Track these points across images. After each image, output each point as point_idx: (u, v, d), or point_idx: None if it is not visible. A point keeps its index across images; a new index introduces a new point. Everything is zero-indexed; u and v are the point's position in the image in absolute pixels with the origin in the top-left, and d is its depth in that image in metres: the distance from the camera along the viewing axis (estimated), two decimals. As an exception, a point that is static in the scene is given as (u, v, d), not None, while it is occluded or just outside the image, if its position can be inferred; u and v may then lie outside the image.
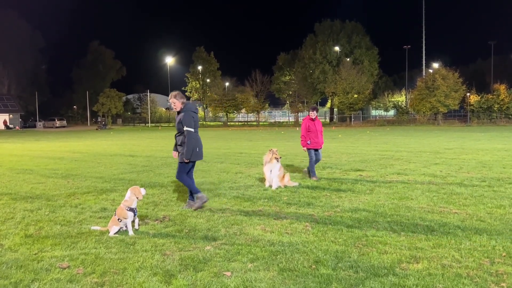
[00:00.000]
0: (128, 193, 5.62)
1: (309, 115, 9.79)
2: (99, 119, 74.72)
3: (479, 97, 54.08)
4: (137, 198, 5.61)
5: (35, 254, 4.68)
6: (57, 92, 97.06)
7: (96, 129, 57.25)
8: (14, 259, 4.52)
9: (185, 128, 6.76)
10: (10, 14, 79.78)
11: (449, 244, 4.83)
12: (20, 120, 68.42)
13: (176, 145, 7.04)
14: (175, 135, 7.00)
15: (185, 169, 6.85)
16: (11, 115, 70.42)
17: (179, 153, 6.89)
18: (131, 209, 5.47)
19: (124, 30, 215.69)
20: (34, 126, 71.59)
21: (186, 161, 6.71)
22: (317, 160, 9.91)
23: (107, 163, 13.40)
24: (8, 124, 67.32)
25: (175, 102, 6.95)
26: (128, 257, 4.54)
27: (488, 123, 49.88)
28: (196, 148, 6.80)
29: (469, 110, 54.02)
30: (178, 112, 6.99)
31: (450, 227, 5.52)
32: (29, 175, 10.95)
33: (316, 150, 9.78)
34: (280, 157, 8.70)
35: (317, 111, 9.82)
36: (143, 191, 5.73)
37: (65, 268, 4.24)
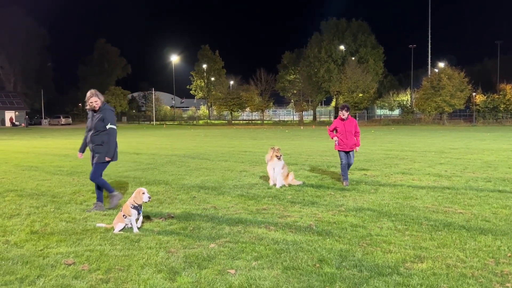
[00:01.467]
0: (134, 193, 5.65)
1: (339, 114, 9.02)
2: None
3: (485, 97, 53.78)
4: (134, 202, 5.53)
5: (41, 250, 4.72)
6: (63, 90, 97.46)
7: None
8: (20, 255, 4.55)
9: (109, 126, 6.46)
10: (17, 12, 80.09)
11: (454, 244, 4.82)
12: (26, 117, 68.77)
13: (84, 145, 6.76)
14: (91, 134, 6.53)
15: (102, 169, 6.67)
16: (17, 112, 70.81)
17: (94, 153, 6.54)
18: (136, 207, 5.49)
19: (130, 28, 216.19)
20: (40, 124, 71.95)
21: (108, 159, 6.51)
22: (349, 165, 8.97)
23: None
24: (14, 121, 67.69)
25: (97, 100, 6.50)
26: (133, 254, 4.56)
27: (494, 123, 49.59)
28: (116, 147, 6.74)
29: (475, 110, 53.75)
30: (95, 111, 6.55)
31: (455, 227, 5.50)
32: (34, 172, 11.01)
33: (346, 152, 8.83)
34: (281, 155, 8.62)
35: (347, 110, 8.83)
36: (145, 198, 5.60)
37: (70, 265, 4.27)
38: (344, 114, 8.81)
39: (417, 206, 6.72)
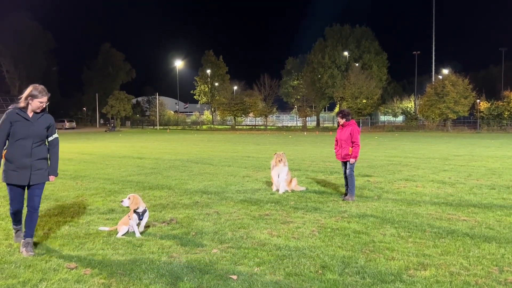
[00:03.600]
0: (132, 199, 5.61)
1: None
2: (110, 121, 75.28)
3: (489, 103, 53.61)
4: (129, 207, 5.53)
5: (43, 254, 4.72)
6: (67, 94, 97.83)
7: (105, 131, 57.64)
8: (22, 259, 4.56)
9: (56, 135, 5.04)
10: (22, 15, 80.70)
11: (458, 252, 4.79)
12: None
13: (15, 161, 4.71)
14: (30, 145, 4.73)
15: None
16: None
17: (33, 170, 4.76)
18: (137, 212, 5.49)
19: (134, 33, 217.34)
20: (44, 127, 72.12)
21: (53, 178, 5.06)
22: (346, 176, 8.06)
23: (115, 165, 13.49)
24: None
25: (46, 100, 4.91)
26: (135, 259, 4.56)
27: (498, 130, 49.39)
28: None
29: (479, 117, 53.54)
30: (36, 113, 4.86)
31: (459, 234, 5.47)
32: (38, 175, 11.03)
33: (344, 162, 8.12)
34: (285, 160, 8.61)
35: (342, 116, 8.06)
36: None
37: (72, 269, 4.27)
38: (340, 120, 8.14)
39: (420, 213, 6.69)
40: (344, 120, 8.06)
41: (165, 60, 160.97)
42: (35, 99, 4.77)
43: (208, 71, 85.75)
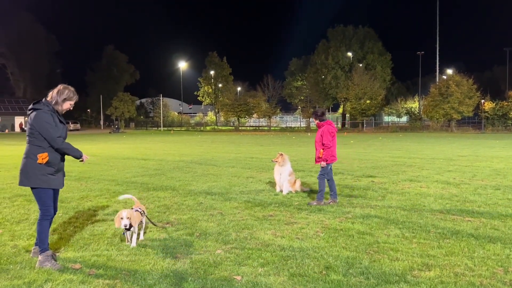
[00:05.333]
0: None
1: None
2: (115, 123, 75.54)
3: (494, 104, 53.36)
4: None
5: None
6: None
7: (110, 132, 57.81)
8: (28, 260, 4.59)
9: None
10: (27, 18, 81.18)
11: (462, 252, 4.77)
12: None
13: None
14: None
15: None
16: (26, 118, 71.45)
17: (63, 173, 4.84)
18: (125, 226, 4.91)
19: (138, 35, 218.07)
20: (49, 129, 72.51)
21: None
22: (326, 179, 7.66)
23: (119, 166, 13.53)
24: (23, 127, 68.41)
25: None
26: (139, 260, 4.58)
27: (503, 131, 49.15)
28: None
29: (484, 117, 53.30)
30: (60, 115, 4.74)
31: (463, 235, 5.45)
32: (43, 177, 11.09)
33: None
34: (283, 160, 8.51)
35: (315, 117, 7.74)
36: (122, 224, 4.86)
37: (77, 269, 4.29)
38: (315, 121, 7.79)
39: (424, 213, 6.67)
40: (317, 121, 7.71)
41: (169, 61, 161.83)
42: (68, 101, 4.70)
43: (212, 72, 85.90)
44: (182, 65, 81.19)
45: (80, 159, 4.80)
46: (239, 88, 79.34)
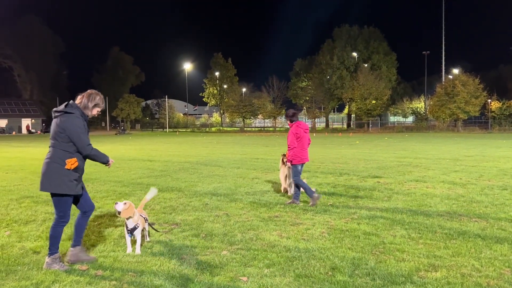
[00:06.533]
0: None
1: None
2: (120, 124, 75.87)
3: (501, 103, 53.01)
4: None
5: (56, 256, 4.77)
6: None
7: (115, 134, 58.07)
8: (35, 261, 4.62)
9: None
10: (34, 20, 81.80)
11: (469, 253, 4.75)
12: (43, 125, 69.86)
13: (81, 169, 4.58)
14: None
15: None
16: (33, 120, 72.03)
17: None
18: (127, 226, 4.91)
19: (143, 36, 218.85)
20: (55, 131, 72.92)
21: None
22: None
23: (125, 168, 13.59)
24: (30, 128, 68.89)
25: None
26: (146, 261, 4.60)
27: (510, 130, 48.80)
28: None
29: (490, 117, 52.98)
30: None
31: (470, 235, 5.42)
32: (50, 178, 11.15)
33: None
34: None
35: (286, 117, 7.87)
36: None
37: (84, 270, 4.32)
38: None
39: (431, 214, 6.65)
40: (288, 121, 7.81)
41: (174, 63, 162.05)
42: (97, 108, 4.60)
43: (217, 73, 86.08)
44: (187, 66, 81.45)
45: (107, 164, 4.69)
46: (244, 89, 79.40)
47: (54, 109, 4.45)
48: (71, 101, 4.47)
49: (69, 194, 4.39)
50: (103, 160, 4.62)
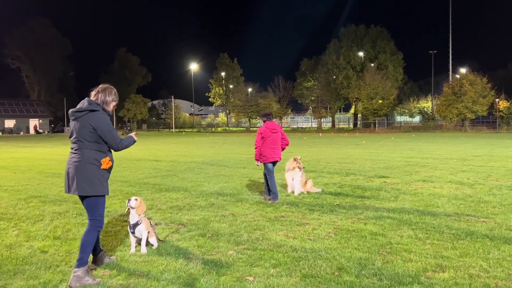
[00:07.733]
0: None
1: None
2: (127, 124, 76.21)
3: (509, 103, 52.56)
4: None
5: (63, 255, 4.81)
6: (84, 98, 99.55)
7: (122, 134, 58.37)
8: (43, 260, 4.65)
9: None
10: (42, 22, 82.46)
11: (477, 253, 4.71)
12: (52, 125, 70.43)
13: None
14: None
15: None
16: (41, 120, 72.64)
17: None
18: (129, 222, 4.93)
19: (150, 37, 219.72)
20: (62, 131, 73.56)
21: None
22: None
23: (132, 168, 13.65)
24: (38, 129, 69.44)
25: None
26: (152, 260, 4.61)
27: (518, 130, 48.38)
28: None
29: (498, 117, 52.55)
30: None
31: (478, 235, 5.38)
32: (57, 178, 11.25)
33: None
34: (304, 167, 8.66)
35: (261, 117, 8.19)
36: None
37: (91, 270, 4.33)
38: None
39: (438, 214, 6.60)
40: (262, 121, 8.20)
41: (180, 63, 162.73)
42: (114, 102, 4.38)
43: (223, 73, 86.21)
44: (193, 66, 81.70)
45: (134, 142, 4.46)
46: (250, 89, 79.45)
47: (74, 109, 4.15)
48: (88, 98, 4.25)
49: (104, 195, 4.22)
50: (132, 143, 4.42)
